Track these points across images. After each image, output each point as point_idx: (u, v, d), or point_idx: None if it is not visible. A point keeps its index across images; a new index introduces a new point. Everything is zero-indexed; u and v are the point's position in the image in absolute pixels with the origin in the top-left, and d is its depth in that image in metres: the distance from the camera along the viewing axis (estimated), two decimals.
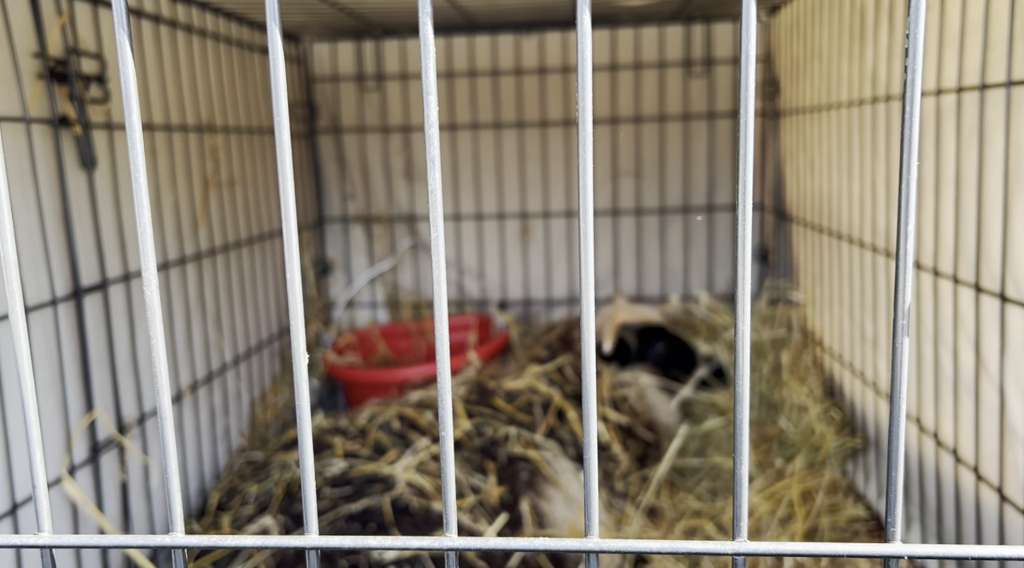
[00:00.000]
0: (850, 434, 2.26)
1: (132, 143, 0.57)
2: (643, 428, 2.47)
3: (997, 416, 1.50)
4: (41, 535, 0.61)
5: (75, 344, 1.72)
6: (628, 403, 2.51)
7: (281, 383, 2.79)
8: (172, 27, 2.13)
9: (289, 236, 0.60)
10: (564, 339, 2.83)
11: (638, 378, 2.67)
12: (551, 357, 2.60)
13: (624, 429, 2.40)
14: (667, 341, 2.77)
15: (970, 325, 1.57)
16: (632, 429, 2.42)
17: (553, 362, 2.50)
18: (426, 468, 1.92)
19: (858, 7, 2.04)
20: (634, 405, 2.53)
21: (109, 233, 1.84)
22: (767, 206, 3.12)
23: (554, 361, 2.51)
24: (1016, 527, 1.46)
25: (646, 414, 2.55)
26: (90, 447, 1.75)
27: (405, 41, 3.18)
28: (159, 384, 0.60)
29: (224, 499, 1.95)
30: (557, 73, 3.15)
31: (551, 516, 1.94)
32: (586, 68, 0.57)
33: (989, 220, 1.48)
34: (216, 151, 2.37)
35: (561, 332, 2.89)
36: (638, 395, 2.60)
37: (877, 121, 1.96)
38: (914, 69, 0.57)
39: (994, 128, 1.45)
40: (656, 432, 2.54)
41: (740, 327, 0.60)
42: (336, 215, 3.36)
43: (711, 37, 3.09)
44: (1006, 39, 1.39)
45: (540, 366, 2.47)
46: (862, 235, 2.10)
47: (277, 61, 0.58)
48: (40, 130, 1.63)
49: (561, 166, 3.23)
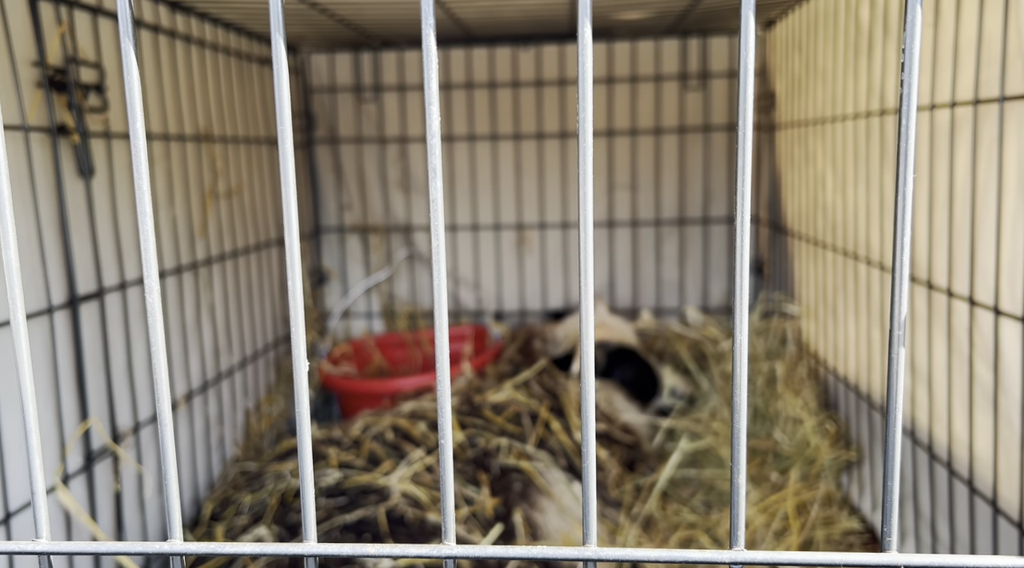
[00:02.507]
0: (845, 447, 2.27)
1: (136, 151, 0.58)
2: (621, 431, 2.48)
3: (992, 429, 1.50)
4: (39, 542, 0.61)
5: (71, 352, 1.71)
6: (599, 409, 2.52)
7: (276, 393, 2.79)
8: (171, 37, 2.13)
9: (292, 247, 0.60)
10: (524, 350, 2.84)
11: (605, 386, 2.68)
12: (515, 371, 2.62)
13: (604, 436, 2.40)
14: (635, 365, 2.76)
15: (964, 339, 1.58)
16: (611, 434, 2.43)
17: (520, 375, 2.52)
18: (420, 479, 1.92)
19: (853, 22, 2.06)
20: (604, 410, 2.54)
21: (106, 242, 1.84)
22: (762, 219, 3.14)
23: (520, 375, 2.53)
24: (1011, 539, 1.47)
25: (618, 418, 2.55)
26: (84, 456, 1.74)
27: (403, 53, 3.19)
28: (159, 390, 0.60)
29: (218, 509, 1.95)
30: (554, 86, 3.16)
31: (544, 527, 1.93)
32: (587, 80, 0.58)
33: (983, 233, 1.49)
34: (214, 161, 2.37)
35: (521, 344, 2.90)
36: (606, 400, 2.61)
37: (872, 135, 1.97)
38: (910, 84, 0.58)
39: (989, 142, 1.46)
40: (633, 433, 2.55)
41: (738, 337, 0.61)
42: (332, 225, 3.37)
43: (707, 51, 3.11)
44: (999, 55, 1.41)
45: (511, 380, 2.49)
46: (856, 248, 2.11)
47: (281, 74, 0.58)
48: (38, 138, 1.63)
49: (557, 178, 3.25)
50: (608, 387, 2.69)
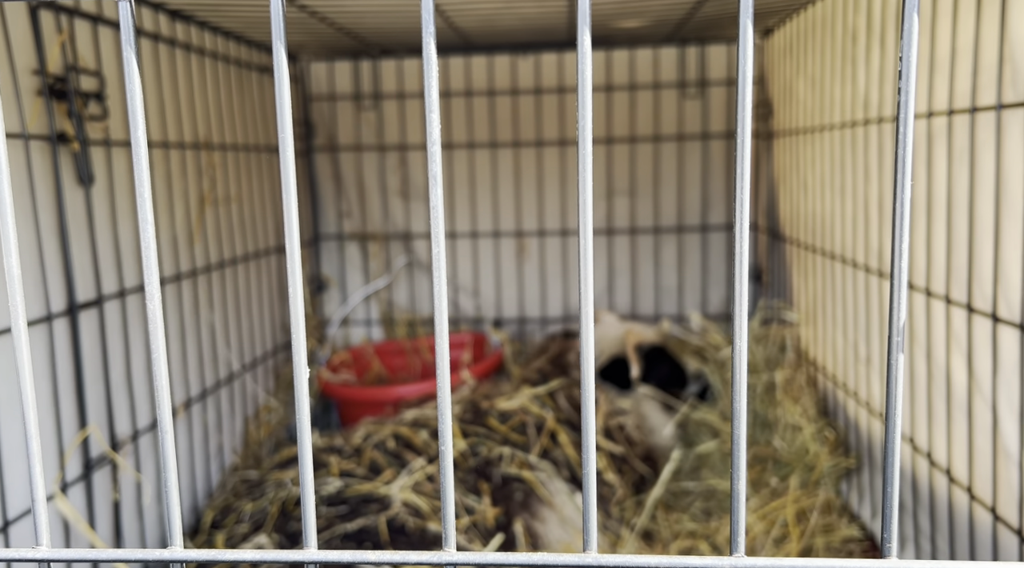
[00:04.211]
0: (844, 454, 2.27)
1: (137, 158, 0.58)
2: (639, 460, 2.45)
3: (991, 436, 1.50)
4: (40, 549, 0.61)
5: (70, 360, 1.71)
6: (625, 432, 2.49)
7: (275, 400, 2.79)
8: (171, 45, 2.14)
9: (292, 254, 0.60)
10: (557, 362, 2.79)
11: (641, 404, 2.66)
12: (543, 380, 2.57)
13: (621, 459, 2.39)
14: (668, 362, 2.78)
15: (963, 345, 1.58)
16: (628, 459, 2.41)
17: (546, 385, 2.48)
18: (422, 488, 1.91)
19: (850, 31, 2.07)
20: (631, 434, 2.51)
21: (105, 249, 1.84)
22: (761, 226, 3.14)
23: (547, 384, 2.49)
24: (1010, 546, 1.47)
25: (644, 442, 2.53)
26: (83, 464, 1.74)
27: (402, 61, 3.20)
28: (160, 397, 0.60)
29: (218, 517, 1.94)
30: (553, 93, 3.17)
31: (545, 537, 1.93)
32: (586, 87, 0.58)
33: (981, 241, 1.50)
34: (212, 168, 2.38)
35: (554, 355, 2.85)
36: (637, 423, 2.59)
37: (869, 143, 1.98)
38: (907, 91, 0.58)
39: (984, 150, 1.47)
40: (655, 459, 2.53)
41: (737, 343, 0.61)
42: (332, 233, 3.37)
43: (705, 59, 3.12)
44: (995, 63, 1.41)
45: (533, 388, 2.45)
46: (855, 255, 2.11)
47: (282, 84, 0.58)
48: (38, 146, 1.63)
49: (556, 185, 3.25)
50: (642, 400, 2.68)
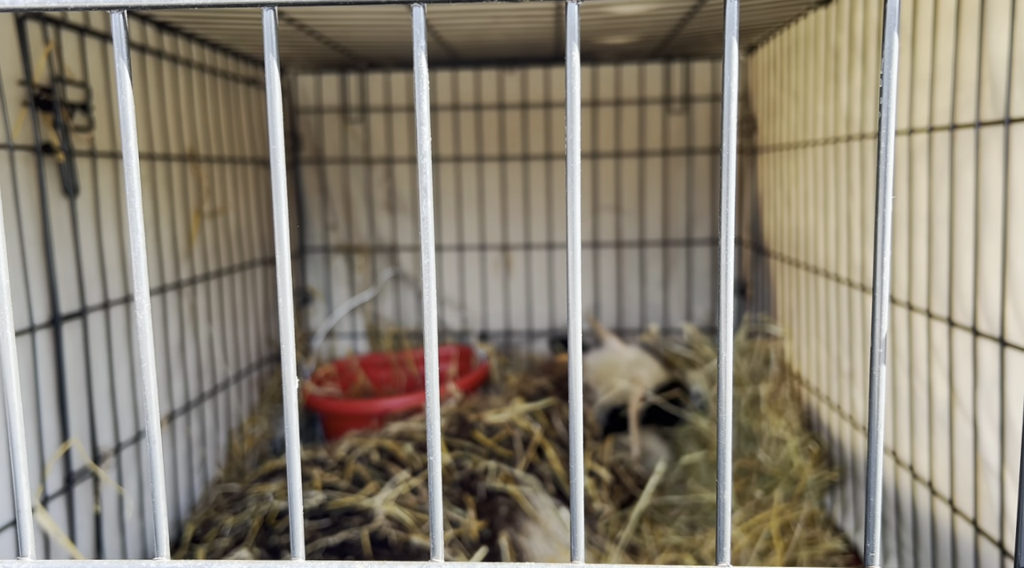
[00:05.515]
0: (827, 467, 2.28)
1: (128, 169, 0.58)
2: (635, 484, 2.45)
3: (972, 449, 1.52)
4: (24, 560, 0.60)
5: (52, 372, 1.70)
6: (624, 465, 2.49)
7: (259, 414, 2.77)
8: (158, 57, 2.14)
9: (283, 266, 0.60)
10: (562, 385, 2.71)
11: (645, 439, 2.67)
12: (541, 396, 2.54)
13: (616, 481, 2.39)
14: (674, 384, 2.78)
15: (944, 359, 1.60)
16: (622, 480, 2.41)
17: (541, 402, 2.45)
18: (405, 501, 1.91)
19: (832, 48, 2.10)
20: (631, 466, 2.52)
21: (90, 261, 1.83)
22: (745, 241, 3.17)
23: (543, 401, 2.47)
24: (992, 560, 1.48)
25: (642, 476, 2.52)
26: (64, 477, 1.72)
27: (389, 74, 3.21)
28: (149, 407, 0.60)
29: (199, 531, 1.92)
30: (539, 108, 3.19)
31: (530, 552, 1.92)
32: (574, 101, 0.59)
33: (961, 256, 1.52)
34: (200, 181, 2.37)
35: (559, 377, 2.76)
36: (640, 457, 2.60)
37: (852, 159, 2.01)
38: (888, 108, 0.59)
39: (964, 167, 1.49)
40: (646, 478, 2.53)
41: (723, 355, 0.61)
42: (317, 245, 3.37)
43: (690, 75, 3.16)
44: (975, 81, 1.44)
45: (526, 402, 2.43)
46: (838, 269, 2.13)
47: (274, 97, 0.59)
48: (23, 157, 1.62)
49: (542, 199, 3.27)
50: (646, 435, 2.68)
